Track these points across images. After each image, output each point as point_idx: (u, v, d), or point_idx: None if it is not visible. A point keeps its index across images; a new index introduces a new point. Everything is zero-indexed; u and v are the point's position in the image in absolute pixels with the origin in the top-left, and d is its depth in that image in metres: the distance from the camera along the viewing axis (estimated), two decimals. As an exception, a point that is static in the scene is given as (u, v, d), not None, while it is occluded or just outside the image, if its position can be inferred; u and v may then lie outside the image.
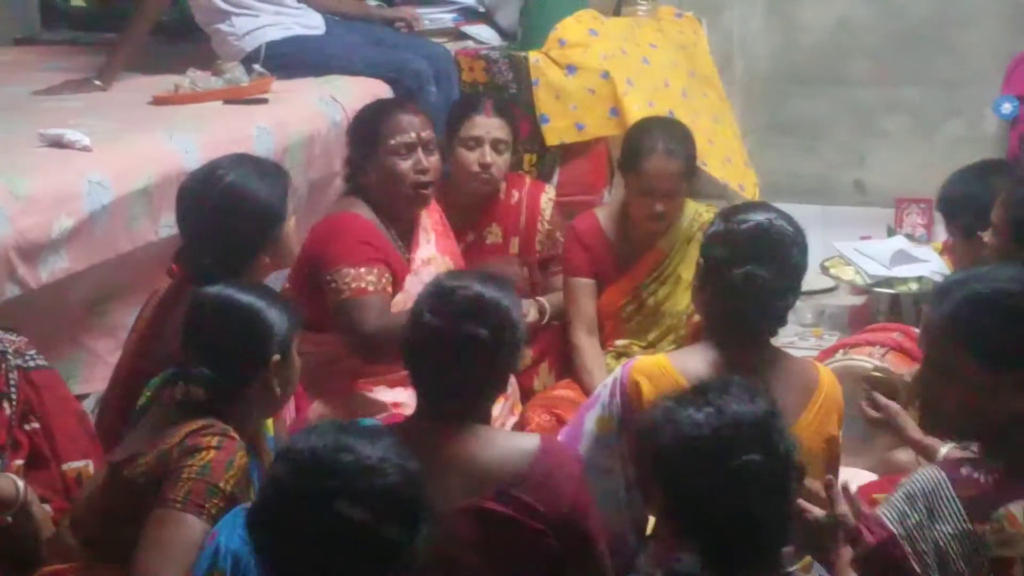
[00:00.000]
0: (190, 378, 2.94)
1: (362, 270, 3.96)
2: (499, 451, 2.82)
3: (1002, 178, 3.92)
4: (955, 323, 2.57)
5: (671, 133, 4.47)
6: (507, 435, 2.87)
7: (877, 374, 3.71)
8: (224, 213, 3.49)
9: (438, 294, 2.89)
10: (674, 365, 3.16)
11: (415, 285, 4.06)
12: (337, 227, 4.02)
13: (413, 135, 4.14)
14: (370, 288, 3.98)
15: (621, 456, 3.19)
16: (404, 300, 4.06)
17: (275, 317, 3.01)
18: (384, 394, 4.04)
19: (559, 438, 3.33)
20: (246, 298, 3.02)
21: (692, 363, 3.14)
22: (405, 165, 4.12)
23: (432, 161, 4.17)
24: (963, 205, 4.06)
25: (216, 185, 3.55)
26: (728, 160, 5.69)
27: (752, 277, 3.09)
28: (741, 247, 3.14)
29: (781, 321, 3.23)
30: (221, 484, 2.77)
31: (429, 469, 2.73)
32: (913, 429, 3.32)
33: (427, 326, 2.85)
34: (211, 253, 3.46)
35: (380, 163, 4.14)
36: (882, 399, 3.42)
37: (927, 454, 3.26)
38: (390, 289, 4.04)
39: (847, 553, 2.69)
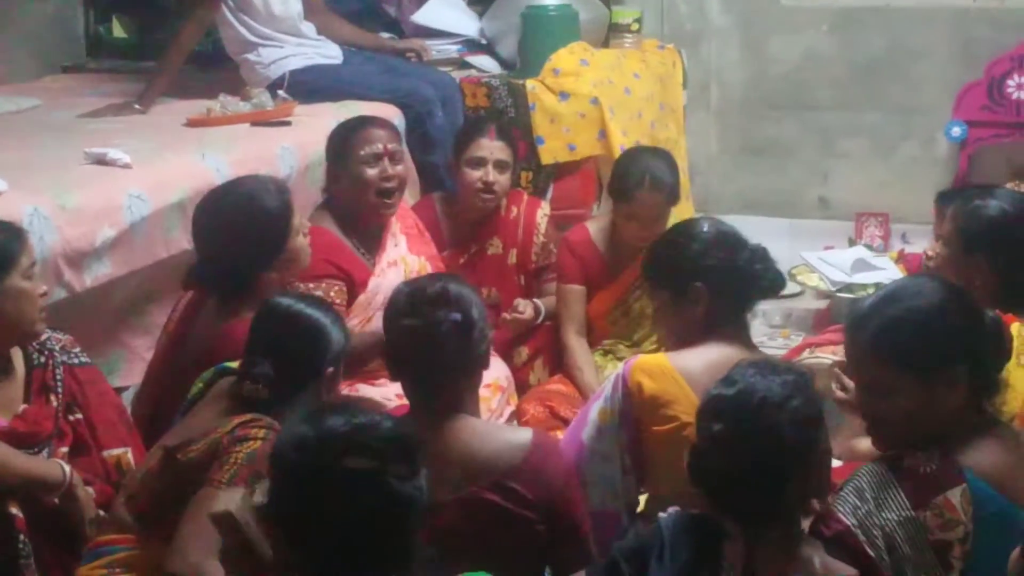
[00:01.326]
0: (255, 376, 2.94)
1: (311, 284, 3.92)
2: (495, 445, 2.80)
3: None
4: (879, 347, 2.58)
5: (658, 165, 4.46)
6: (502, 429, 2.85)
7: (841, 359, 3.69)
8: (227, 234, 3.48)
9: (403, 297, 2.87)
10: (673, 364, 3.14)
11: (380, 286, 4.05)
12: None
13: (380, 146, 4.14)
14: None
15: (619, 444, 3.18)
16: (367, 300, 4.06)
17: (335, 333, 3.01)
18: (388, 388, 4.00)
19: (571, 424, 3.33)
20: (313, 313, 3.02)
21: (690, 362, 3.13)
22: (372, 173, 4.11)
23: (398, 170, 4.16)
24: None
25: (221, 206, 3.55)
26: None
27: (756, 252, 3.22)
28: (723, 244, 3.23)
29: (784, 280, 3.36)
30: (264, 472, 2.76)
31: (428, 461, 2.72)
32: None
33: (399, 325, 2.83)
34: (217, 270, 3.46)
35: (350, 172, 4.13)
36: (848, 381, 3.42)
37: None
38: (340, 300, 3.98)
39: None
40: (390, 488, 2.14)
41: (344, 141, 4.21)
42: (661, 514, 2.54)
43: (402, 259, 4.21)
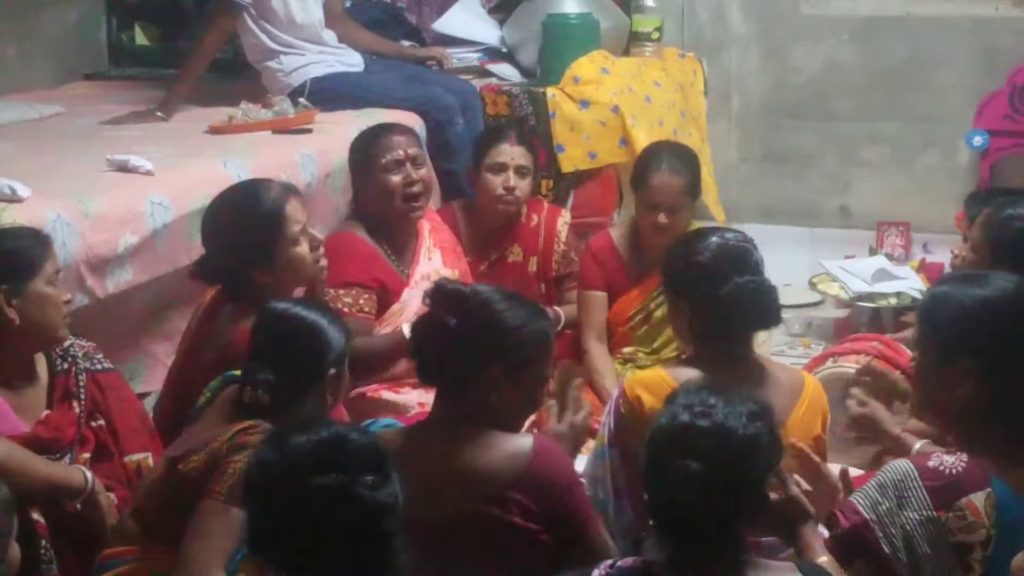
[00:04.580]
0: (256, 383, 2.93)
1: (340, 291, 3.94)
2: (495, 455, 2.73)
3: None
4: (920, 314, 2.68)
5: (676, 153, 4.52)
6: (503, 438, 2.74)
7: (864, 377, 3.67)
8: (218, 229, 3.52)
9: (439, 295, 2.80)
10: (671, 376, 3.06)
11: (413, 298, 4.06)
12: (332, 247, 3.85)
13: (401, 152, 4.16)
14: (344, 309, 3.94)
15: (610, 465, 3.12)
16: (400, 310, 4.06)
17: (334, 335, 3.00)
18: (411, 396, 4.00)
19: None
20: (311, 316, 3.01)
21: (687, 374, 3.02)
22: (396, 180, 4.12)
23: (421, 174, 4.18)
24: None
25: (220, 203, 3.58)
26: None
27: (743, 287, 3.04)
28: (718, 266, 3.09)
29: (778, 315, 3.16)
30: None
31: (430, 471, 2.68)
32: (891, 425, 3.31)
33: (433, 319, 2.79)
34: (212, 265, 3.49)
35: (374, 181, 4.14)
36: (864, 397, 3.40)
37: (902, 450, 3.24)
38: (368, 308, 3.99)
39: (808, 532, 2.68)
40: (363, 499, 2.14)
41: (365, 151, 4.23)
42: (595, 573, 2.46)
43: (436, 272, 4.20)
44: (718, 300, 3.05)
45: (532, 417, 4.24)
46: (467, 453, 2.74)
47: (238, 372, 3.06)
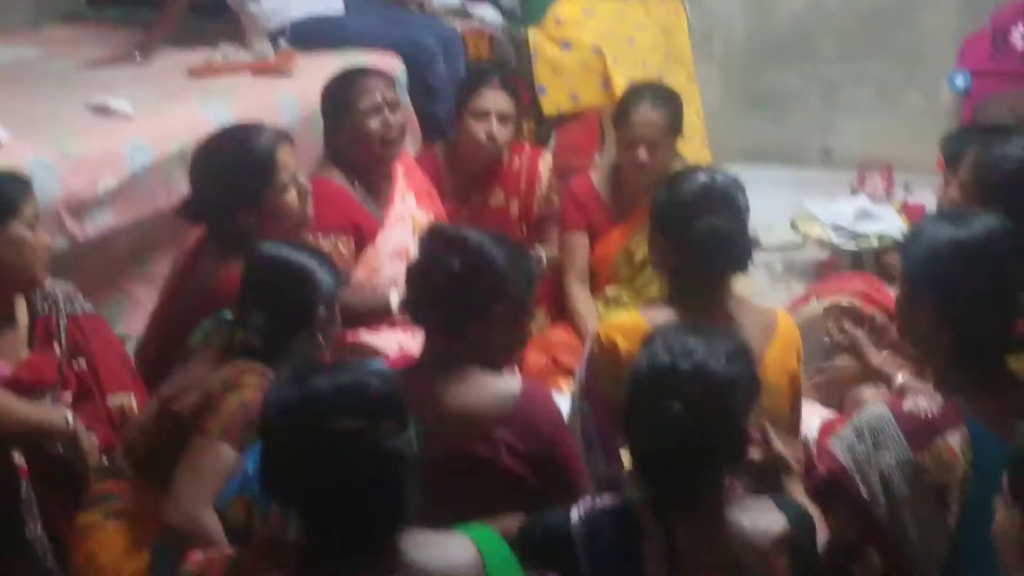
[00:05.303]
0: (247, 326, 2.94)
1: (319, 236, 3.93)
2: (484, 395, 2.76)
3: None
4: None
5: (659, 91, 4.51)
6: (492, 379, 2.77)
7: (847, 305, 3.69)
8: (207, 170, 3.46)
9: (438, 238, 2.83)
10: (645, 319, 3.05)
11: (387, 240, 4.04)
12: None
13: (379, 97, 4.11)
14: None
15: (581, 415, 3.13)
16: (374, 254, 4.04)
17: (323, 276, 3.00)
18: (389, 338, 4.00)
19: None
20: (299, 258, 3.01)
21: (662, 316, 3.02)
22: (374, 125, 4.08)
23: (398, 119, 4.14)
24: None
25: (210, 144, 3.53)
26: (687, 138, 5.67)
27: (715, 228, 3.02)
28: (696, 204, 3.05)
29: (746, 261, 3.14)
30: (256, 420, 2.77)
31: (418, 411, 2.71)
32: (873, 356, 3.32)
33: (429, 265, 2.80)
34: (198, 205, 3.46)
35: (352, 126, 4.10)
36: (848, 325, 3.42)
37: (884, 380, 3.26)
38: (347, 253, 3.97)
39: (791, 485, 2.75)
40: (381, 446, 2.14)
41: (340, 95, 4.18)
42: (573, 517, 2.48)
43: (410, 215, 4.19)
44: (689, 237, 3.04)
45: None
46: (457, 393, 2.76)
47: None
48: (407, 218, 4.13)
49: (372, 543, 2.17)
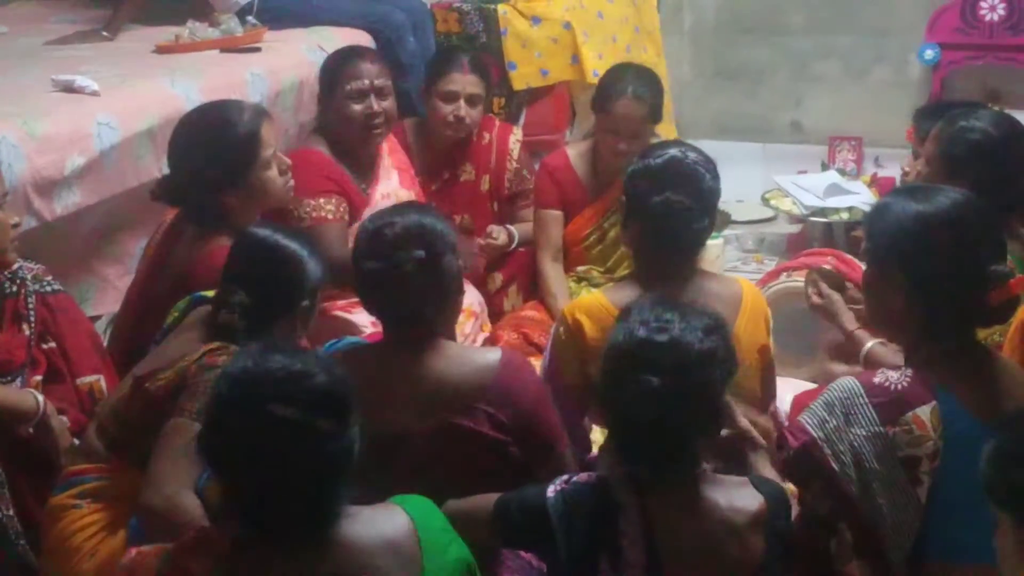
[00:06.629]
0: (231, 305, 2.92)
1: (321, 200, 3.97)
2: (464, 367, 2.78)
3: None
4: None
5: (640, 79, 4.46)
6: (471, 351, 2.80)
7: (826, 267, 3.70)
8: (189, 149, 3.44)
9: (366, 238, 2.83)
10: (609, 300, 3.06)
11: None
12: (298, 162, 3.75)
13: (367, 82, 4.12)
14: (329, 216, 4.00)
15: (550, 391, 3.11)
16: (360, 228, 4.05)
17: (311, 267, 2.99)
18: (363, 315, 3.98)
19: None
20: (291, 245, 2.99)
21: (625, 296, 3.00)
22: (357, 108, 4.10)
23: (384, 106, 4.15)
24: None
25: (190, 122, 3.51)
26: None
27: (671, 203, 3.02)
28: (659, 177, 3.05)
29: (701, 243, 3.16)
30: None
31: (399, 387, 2.72)
32: (848, 320, 3.34)
33: (365, 267, 2.81)
34: (177, 184, 3.43)
35: (337, 105, 4.12)
36: (825, 288, 3.43)
37: (857, 344, 3.28)
38: (347, 218, 4.01)
39: (758, 461, 2.78)
40: (313, 442, 2.13)
41: (332, 74, 4.21)
42: (549, 493, 2.49)
43: (395, 193, 4.20)
44: (646, 210, 3.05)
45: (487, 332, 4.32)
46: (436, 367, 2.77)
47: (208, 293, 3.06)
48: (392, 196, 4.15)
49: (301, 532, 2.17)
